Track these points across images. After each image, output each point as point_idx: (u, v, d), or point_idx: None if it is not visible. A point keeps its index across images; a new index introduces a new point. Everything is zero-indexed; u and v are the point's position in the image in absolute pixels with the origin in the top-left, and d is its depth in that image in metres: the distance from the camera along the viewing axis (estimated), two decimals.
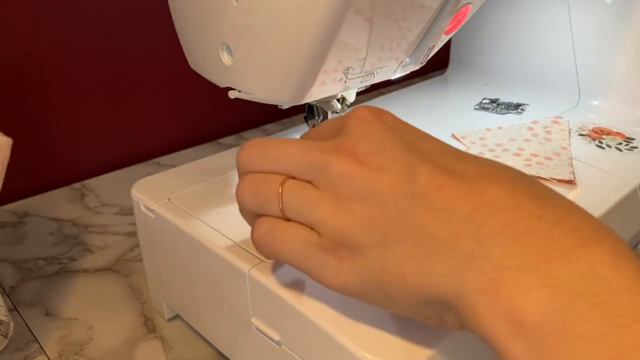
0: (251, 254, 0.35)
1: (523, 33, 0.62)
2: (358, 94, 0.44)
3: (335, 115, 0.45)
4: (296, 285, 0.32)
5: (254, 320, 0.35)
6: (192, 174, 0.45)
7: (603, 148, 0.49)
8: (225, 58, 0.36)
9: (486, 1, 0.41)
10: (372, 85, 0.41)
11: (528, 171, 0.44)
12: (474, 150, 0.48)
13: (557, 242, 0.22)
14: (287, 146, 0.28)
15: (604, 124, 0.53)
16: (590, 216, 0.24)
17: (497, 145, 0.49)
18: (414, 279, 0.24)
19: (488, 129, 0.52)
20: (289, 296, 0.31)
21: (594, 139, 0.50)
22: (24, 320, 0.47)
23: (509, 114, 0.56)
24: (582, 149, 0.49)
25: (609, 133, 0.52)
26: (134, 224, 0.49)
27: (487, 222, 0.23)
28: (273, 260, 0.34)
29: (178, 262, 0.41)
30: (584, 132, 0.52)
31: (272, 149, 0.28)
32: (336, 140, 0.27)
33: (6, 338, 0.42)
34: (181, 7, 0.39)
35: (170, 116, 0.74)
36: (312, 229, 0.27)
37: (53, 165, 0.67)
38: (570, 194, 0.42)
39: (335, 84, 0.36)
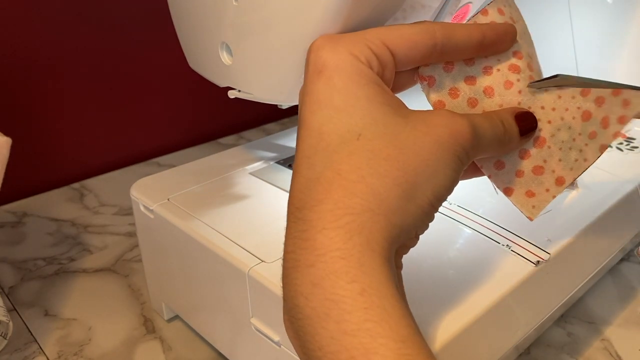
0: (251, 254, 0.35)
1: None
2: None
3: None
4: None
5: (253, 320, 0.35)
6: (192, 174, 0.45)
7: None
8: (225, 58, 0.36)
9: (486, 1, 0.41)
10: None
11: None
12: None
13: None
14: None
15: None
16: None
17: None
18: None
19: None
20: None
21: None
22: (23, 321, 0.46)
23: None
24: None
25: None
26: (134, 224, 0.49)
27: None
28: (273, 261, 0.34)
29: (178, 262, 0.41)
30: None
31: None
32: None
33: (5, 339, 0.42)
34: (181, 7, 0.39)
35: (170, 116, 0.74)
36: None
37: (52, 165, 0.67)
38: (571, 194, 0.42)
39: None
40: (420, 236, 0.25)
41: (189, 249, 0.38)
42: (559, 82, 0.28)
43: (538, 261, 0.36)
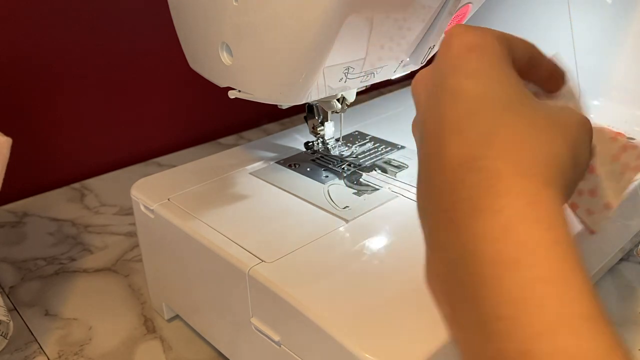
0: (251, 254, 0.35)
1: (523, 33, 0.61)
2: (358, 93, 0.44)
3: (335, 114, 0.45)
4: (296, 285, 0.32)
5: (254, 320, 0.35)
6: (192, 174, 0.45)
7: None
8: (225, 58, 0.36)
9: (486, 1, 0.41)
10: (372, 84, 0.40)
11: None
12: None
13: None
14: None
15: (604, 124, 0.53)
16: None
17: None
18: None
19: None
20: (289, 296, 0.31)
21: None
22: (24, 321, 0.46)
23: None
24: None
25: None
26: (134, 224, 0.49)
27: None
28: (273, 261, 0.34)
29: (178, 262, 0.41)
30: None
31: None
32: None
33: (6, 338, 0.42)
34: (181, 7, 0.39)
35: (170, 116, 0.74)
36: None
37: (53, 165, 0.67)
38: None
39: (335, 84, 0.36)
40: (420, 235, 0.25)
41: (189, 249, 0.38)
42: None
43: None
